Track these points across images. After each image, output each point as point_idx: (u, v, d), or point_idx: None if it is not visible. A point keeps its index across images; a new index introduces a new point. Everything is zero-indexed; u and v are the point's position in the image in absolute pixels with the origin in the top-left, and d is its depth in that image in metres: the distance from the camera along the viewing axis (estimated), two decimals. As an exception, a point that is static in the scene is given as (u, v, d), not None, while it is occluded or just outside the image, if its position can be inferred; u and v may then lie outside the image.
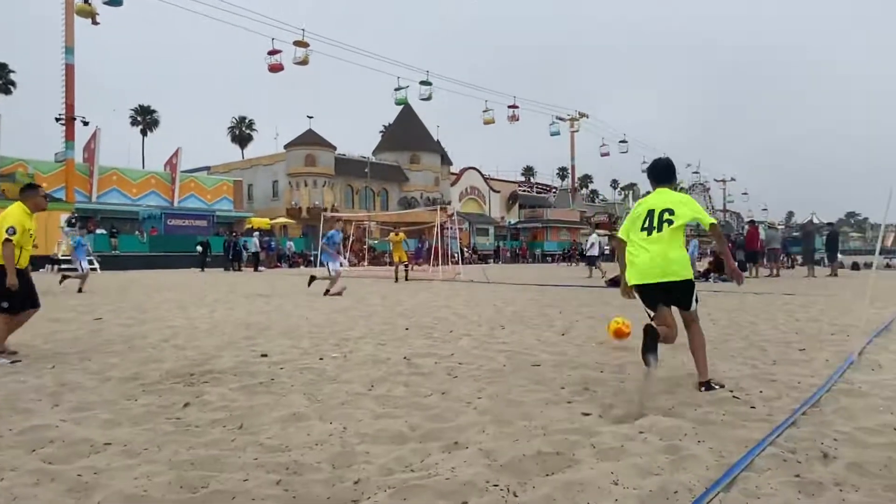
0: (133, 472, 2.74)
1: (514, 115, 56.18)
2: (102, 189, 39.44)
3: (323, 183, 49.56)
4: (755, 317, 8.70)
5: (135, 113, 65.21)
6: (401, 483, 2.57)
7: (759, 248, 22.14)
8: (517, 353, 5.76)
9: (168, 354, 5.83)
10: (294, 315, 9.34)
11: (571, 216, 65.90)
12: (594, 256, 22.54)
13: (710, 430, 3.28)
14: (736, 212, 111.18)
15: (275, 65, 38.80)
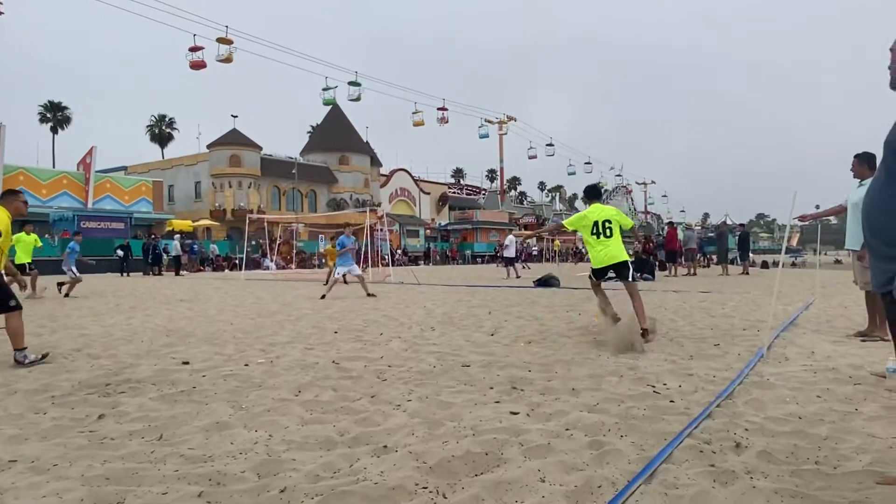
0: (41, 490, 2.58)
1: (443, 117, 56.38)
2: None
3: (248, 184, 48.30)
4: (674, 314, 9.08)
5: (44, 109, 61.59)
6: (328, 489, 2.52)
7: (677, 248, 23.14)
8: (447, 355, 5.78)
9: (81, 364, 5.51)
10: (218, 320, 9.04)
11: (500, 217, 66.84)
12: (511, 258, 22.94)
13: (632, 424, 3.40)
14: (657, 213, 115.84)
15: (197, 62, 37.41)
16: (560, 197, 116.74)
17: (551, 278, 16.93)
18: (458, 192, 77.40)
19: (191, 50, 37.25)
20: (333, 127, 57.33)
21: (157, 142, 67.36)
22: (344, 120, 57.72)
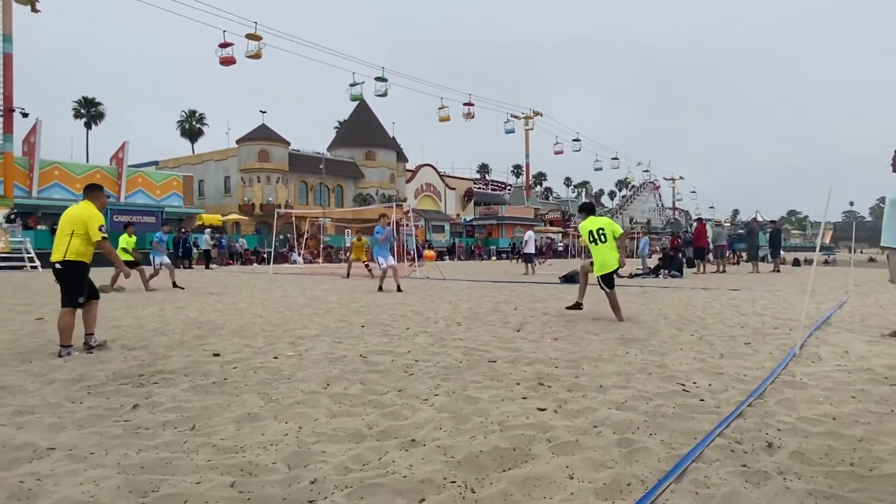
0: (79, 478, 2.65)
1: (469, 112, 56.37)
2: (44, 184, 37.89)
3: (276, 179, 48.80)
4: (703, 311, 8.96)
5: (78, 105, 62.89)
6: (358, 482, 2.55)
7: (706, 244, 22.80)
8: (473, 350, 5.79)
9: (115, 355, 5.64)
10: (247, 313, 9.17)
11: (526, 213, 66.56)
12: (530, 254, 22.80)
13: (661, 422, 3.37)
14: (685, 209, 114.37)
15: (226, 58, 37.91)
16: (586, 193, 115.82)
17: (577, 274, 16.80)
18: (483, 188, 77.28)
19: (220, 46, 37.76)
20: (360, 122, 57.62)
21: (187, 137, 68.37)
22: (370, 115, 57.97)
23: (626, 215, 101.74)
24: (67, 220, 5.93)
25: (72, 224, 5.88)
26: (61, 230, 5.91)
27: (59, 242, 5.87)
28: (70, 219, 5.92)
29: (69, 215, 5.97)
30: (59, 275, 5.87)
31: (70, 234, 5.84)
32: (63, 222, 5.95)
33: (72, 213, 5.97)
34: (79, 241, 5.85)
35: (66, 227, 5.89)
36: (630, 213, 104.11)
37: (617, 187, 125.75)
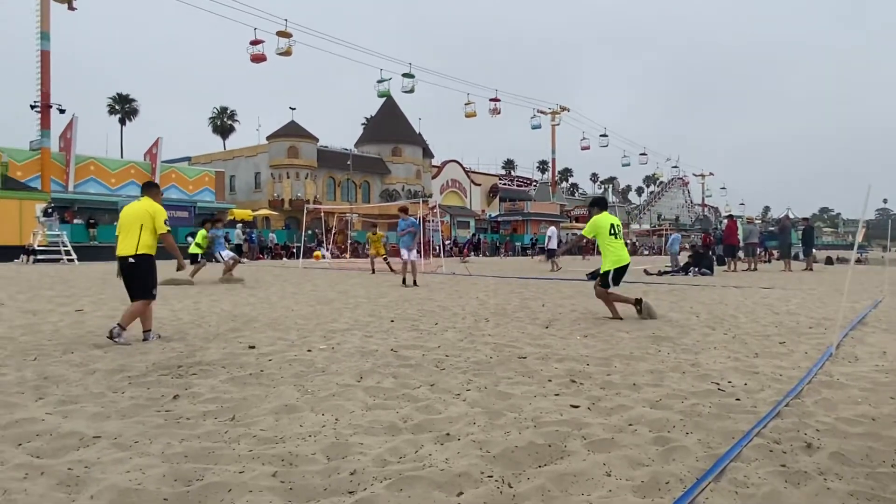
0: (125, 466, 2.72)
1: (495, 108, 56.15)
2: (80, 178, 38.76)
3: (305, 175, 49.23)
4: (736, 310, 8.85)
5: (113, 101, 64.15)
6: (396, 474, 2.59)
7: (737, 242, 22.45)
8: (503, 346, 5.80)
9: (153, 346, 5.78)
10: (279, 307, 9.30)
11: (551, 209, 66.21)
12: (553, 249, 22.65)
13: (697, 421, 3.35)
14: (714, 206, 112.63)
15: (257, 55, 38.32)
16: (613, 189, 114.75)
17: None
18: (508, 184, 76.98)
19: (252, 43, 38.17)
20: (387, 119, 57.81)
21: (219, 133, 69.32)
22: (397, 112, 58.12)
23: (655, 211, 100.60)
24: (134, 216, 6.16)
25: (140, 219, 6.13)
26: (129, 225, 6.15)
27: (127, 237, 6.12)
28: (137, 214, 6.16)
29: (135, 211, 6.21)
30: (132, 268, 6.12)
31: (140, 229, 6.11)
32: (128, 218, 6.17)
33: (138, 209, 6.21)
34: (147, 234, 6.13)
35: (135, 222, 6.14)
36: (658, 209, 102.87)
37: (645, 183, 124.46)
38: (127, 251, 6.11)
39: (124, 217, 6.23)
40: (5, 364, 4.94)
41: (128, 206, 6.39)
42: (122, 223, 6.23)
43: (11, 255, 26.79)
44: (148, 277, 6.19)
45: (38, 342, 6.00)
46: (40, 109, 35.75)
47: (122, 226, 6.22)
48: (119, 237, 6.23)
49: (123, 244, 6.15)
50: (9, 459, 2.79)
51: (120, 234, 6.22)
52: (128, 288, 6.22)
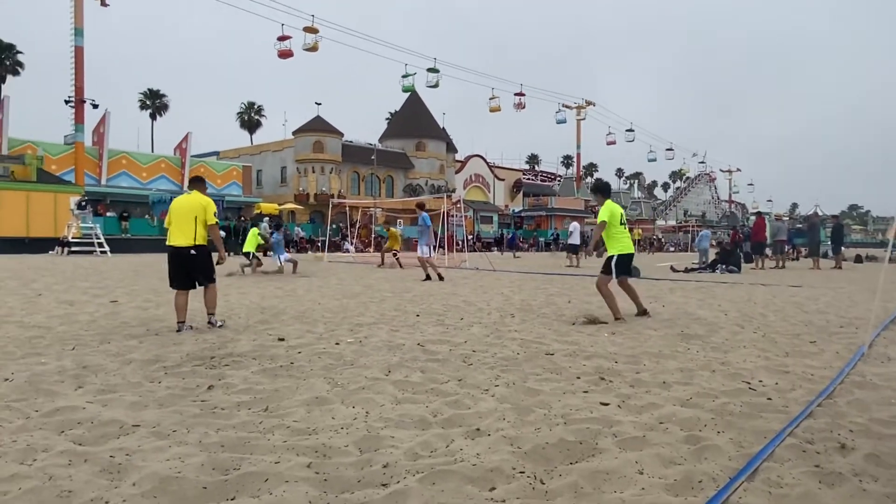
0: (165, 454, 2.79)
1: (520, 102, 55.93)
2: (112, 172, 39.51)
3: (330, 169, 49.57)
4: (765, 308, 8.73)
5: (144, 97, 65.13)
6: (428, 468, 2.62)
7: (764, 239, 22.10)
8: (529, 342, 5.81)
9: (187, 337, 5.90)
10: (306, 300, 9.40)
11: (576, 205, 65.77)
12: (575, 245, 22.44)
13: (729, 420, 3.33)
14: (741, 202, 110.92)
15: (284, 51, 38.67)
16: (639, 184, 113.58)
17: (632, 269, 16.55)
18: (532, 179, 76.69)
19: (279, 39, 38.49)
20: (411, 113, 57.89)
21: (246, 128, 70.01)
22: (421, 106, 58.16)
23: (681, 207, 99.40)
24: (188, 208, 6.45)
25: (194, 211, 6.43)
26: (183, 217, 6.42)
27: (184, 229, 6.39)
28: (192, 206, 6.45)
29: (189, 203, 6.49)
30: (192, 259, 6.44)
31: (194, 221, 6.41)
32: (182, 210, 6.46)
33: (192, 202, 6.51)
34: (201, 226, 6.46)
35: (189, 215, 6.42)
36: (684, 205, 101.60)
37: (671, 179, 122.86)
38: (185, 242, 6.38)
39: (177, 210, 6.49)
40: (45, 353, 5.09)
41: (179, 198, 6.65)
42: (174, 215, 6.48)
43: (46, 247, 27.44)
44: (208, 264, 6.59)
45: (75, 332, 6.16)
46: (74, 104, 36.48)
47: (176, 218, 6.46)
48: (172, 229, 6.46)
49: (180, 236, 6.40)
50: (52, 446, 2.88)
51: (172, 226, 6.46)
52: (187, 277, 6.48)
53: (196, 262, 6.47)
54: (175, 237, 6.42)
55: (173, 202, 6.65)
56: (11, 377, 4.22)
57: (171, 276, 6.53)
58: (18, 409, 3.47)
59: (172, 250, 6.47)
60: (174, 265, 6.50)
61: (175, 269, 6.49)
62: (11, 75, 53.13)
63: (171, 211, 6.55)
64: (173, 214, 6.50)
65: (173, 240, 6.44)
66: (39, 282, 12.16)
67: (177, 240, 6.41)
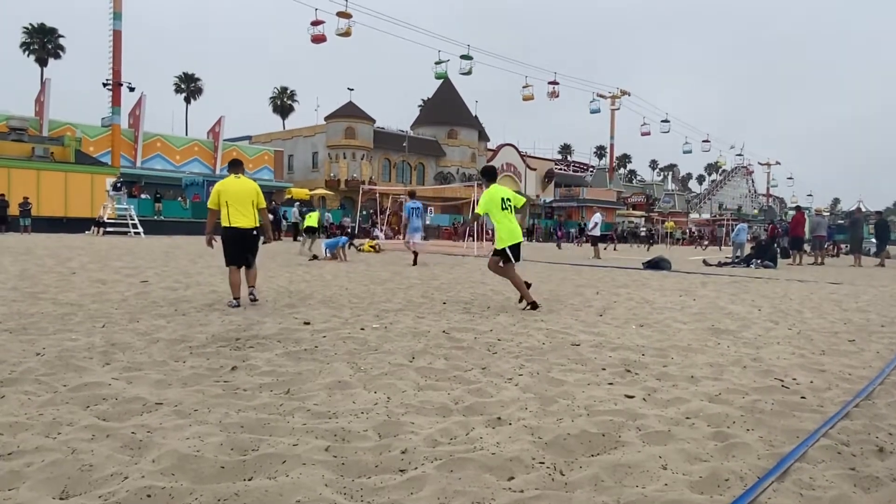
0: (185, 433, 2.80)
1: (553, 91, 55.35)
2: (147, 155, 40.28)
3: (361, 156, 49.76)
4: (801, 305, 8.49)
5: (179, 80, 66.07)
6: (447, 455, 2.58)
7: (803, 234, 21.54)
8: (555, 332, 5.73)
9: (213, 318, 5.95)
10: (333, 285, 9.44)
11: (608, 196, 65.05)
12: (597, 236, 22.10)
13: (759, 418, 3.22)
14: (780, 197, 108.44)
15: (318, 35, 38.79)
16: (673, 176, 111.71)
17: (662, 261, 16.31)
18: (564, 169, 75.95)
19: (312, 24, 38.62)
20: (443, 101, 57.71)
21: (278, 113, 70.63)
22: (454, 94, 57.94)
23: (716, 201, 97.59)
24: (246, 193, 6.94)
25: (251, 196, 6.95)
26: (243, 201, 6.90)
27: (246, 212, 6.91)
28: (248, 191, 6.95)
29: (246, 189, 6.95)
30: (254, 239, 7.06)
31: (252, 205, 6.94)
32: (241, 195, 6.91)
33: (248, 187, 6.99)
34: (256, 210, 7.00)
35: (247, 199, 6.92)
36: (720, 198, 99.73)
37: (706, 171, 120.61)
38: (249, 224, 6.93)
39: (236, 193, 6.88)
40: (76, 329, 5.18)
41: (231, 182, 6.99)
42: (233, 198, 6.86)
43: (83, 227, 28.11)
44: (258, 245, 7.18)
45: (106, 310, 6.26)
46: (112, 87, 37.18)
47: (235, 201, 6.86)
48: (232, 211, 6.84)
49: (242, 218, 6.88)
50: (77, 421, 2.91)
51: (232, 209, 6.84)
52: (242, 255, 6.97)
53: (255, 242, 7.06)
54: (238, 219, 6.85)
55: (225, 185, 6.94)
56: (43, 352, 4.30)
57: (232, 254, 6.93)
58: (47, 384, 3.52)
59: (235, 231, 6.87)
60: (236, 245, 6.91)
61: (237, 249, 6.92)
62: (53, 59, 54.37)
63: (225, 193, 6.86)
64: (231, 197, 6.85)
65: (237, 221, 6.84)
66: (75, 261, 12.44)
67: (240, 221, 6.85)
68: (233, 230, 6.87)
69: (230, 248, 6.92)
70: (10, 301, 6.65)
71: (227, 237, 6.93)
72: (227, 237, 6.92)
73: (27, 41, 53.36)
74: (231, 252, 6.93)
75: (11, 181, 28.71)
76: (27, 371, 3.77)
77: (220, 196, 6.87)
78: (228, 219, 6.84)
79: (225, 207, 6.84)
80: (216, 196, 6.91)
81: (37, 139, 32.88)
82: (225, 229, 6.89)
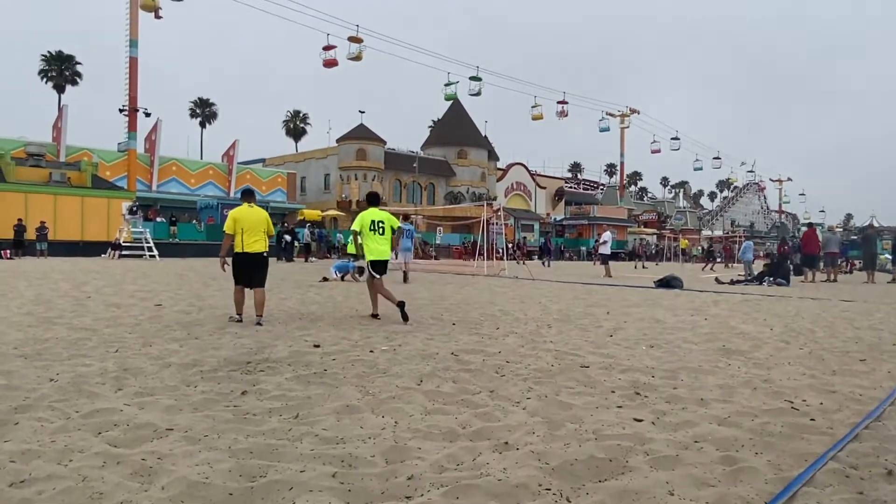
0: (195, 459, 2.83)
1: (563, 110, 55.61)
2: (162, 178, 40.76)
3: (373, 177, 50.07)
4: (813, 324, 8.42)
5: (194, 105, 66.99)
6: (453, 481, 2.59)
7: (816, 251, 21.37)
8: (565, 354, 5.72)
9: (225, 342, 6.00)
10: (344, 306, 9.48)
11: (619, 214, 64.88)
12: (607, 255, 21.93)
13: (768, 441, 3.21)
14: (792, 213, 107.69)
15: (329, 60, 39.36)
16: (685, 193, 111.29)
17: (673, 279, 16.22)
18: (574, 187, 75.93)
19: (324, 49, 39.18)
20: (453, 121, 58.08)
21: (291, 136, 71.29)
22: (463, 114, 58.31)
23: (728, 217, 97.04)
24: (258, 221, 7.53)
25: (263, 224, 7.57)
26: (257, 228, 7.49)
27: (259, 238, 7.51)
28: (261, 220, 7.56)
29: (259, 217, 7.55)
30: (263, 263, 7.64)
31: (264, 232, 7.56)
32: (256, 222, 7.50)
33: (260, 215, 7.59)
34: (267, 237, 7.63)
35: (260, 227, 7.53)
36: (732, 215, 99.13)
37: (718, 188, 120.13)
38: (261, 249, 7.52)
39: (251, 221, 7.45)
40: (90, 355, 5.24)
41: (247, 210, 7.50)
42: (248, 225, 7.43)
43: (99, 250, 28.43)
44: (266, 270, 7.74)
45: (120, 335, 6.33)
46: (128, 113, 37.81)
47: (250, 228, 7.43)
48: (246, 237, 7.41)
49: (255, 243, 7.46)
50: (88, 448, 2.96)
51: (247, 235, 7.41)
52: (251, 278, 7.52)
53: (263, 266, 7.62)
54: (252, 244, 7.45)
55: (241, 213, 7.47)
56: (56, 378, 4.36)
57: (241, 275, 7.53)
58: (60, 410, 3.58)
59: (247, 256, 7.46)
60: (247, 267, 7.50)
61: (246, 271, 7.51)
62: (70, 85, 55.31)
63: (241, 220, 7.40)
64: (246, 224, 7.41)
65: (251, 247, 7.44)
66: (90, 284, 12.58)
67: (254, 247, 7.46)
68: (245, 255, 7.46)
69: (240, 270, 7.53)
70: (26, 326, 6.74)
71: (238, 261, 7.51)
72: (239, 261, 7.51)
73: (45, 68, 54.41)
74: (241, 273, 7.53)
75: (29, 206, 29.15)
76: (41, 397, 3.82)
77: (237, 223, 7.39)
78: (242, 245, 7.41)
79: (240, 234, 7.38)
80: (232, 223, 7.42)
81: (54, 164, 33.41)
82: (237, 254, 7.47)
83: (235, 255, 7.49)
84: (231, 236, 7.43)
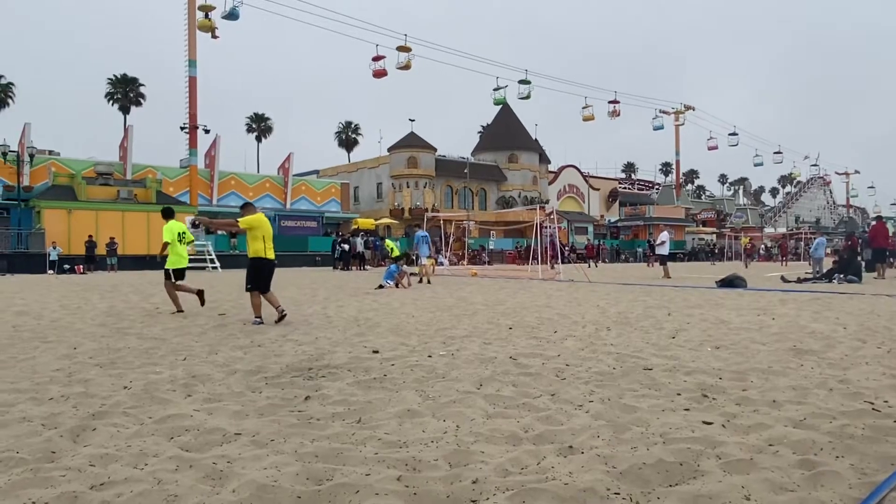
0: (263, 462, 2.89)
1: (615, 110, 54.69)
2: (222, 192, 42.13)
3: (424, 184, 50.45)
4: (890, 321, 7.99)
5: (250, 121, 69.07)
6: (518, 485, 2.56)
7: (887, 245, 20.28)
8: (626, 356, 5.60)
9: (287, 349, 6.12)
10: (401, 312, 9.55)
11: (676, 213, 63.36)
12: (665, 255, 21.31)
13: (849, 444, 3.05)
14: (861, 207, 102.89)
15: (379, 70, 39.91)
16: (744, 190, 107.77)
17: (736, 279, 15.71)
18: (628, 188, 74.63)
19: (374, 59, 39.76)
20: (503, 126, 57.98)
21: (344, 147, 72.66)
22: (513, 118, 58.14)
23: (792, 214, 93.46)
24: (271, 230, 8.13)
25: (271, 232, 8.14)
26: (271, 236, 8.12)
27: (269, 245, 8.06)
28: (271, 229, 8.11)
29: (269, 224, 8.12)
30: (274, 269, 8.23)
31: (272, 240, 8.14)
32: (270, 231, 8.10)
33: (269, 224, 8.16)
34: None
35: (271, 235, 8.11)
36: (796, 211, 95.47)
37: (780, 183, 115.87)
38: (272, 255, 8.09)
39: (269, 229, 8.03)
40: (160, 363, 5.43)
41: (265, 220, 8.07)
42: (268, 233, 8.01)
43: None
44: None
45: (187, 344, 6.54)
46: (188, 130, 39.25)
47: (269, 236, 8.00)
48: (267, 245, 8.01)
49: (269, 250, 8.04)
50: (162, 452, 3.05)
51: (268, 242, 7.99)
52: (267, 282, 8.13)
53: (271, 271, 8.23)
54: (270, 253, 8.05)
55: (262, 221, 8.01)
56: (130, 385, 4.53)
57: (260, 281, 8.02)
58: (134, 416, 3.71)
59: (269, 263, 8.07)
60: (265, 273, 8.07)
61: (265, 277, 8.08)
62: (135, 106, 57.89)
63: (262, 228, 7.95)
64: (267, 232, 7.97)
65: (270, 254, 8.05)
66: (157, 296, 13.07)
67: (271, 253, 8.06)
68: (267, 261, 8.03)
69: (260, 275, 8.03)
70: (100, 337, 7.05)
71: (260, 266, 8.02)
72: (260, 266, 8.02)
73: (111, 91, 57.11)
74: (261, 279, 8.03)
75: (99, 223, 30.60)
76: (116, 404, 3.98)
77: (260, 229, 7.96)
78: (265, 251, 7.97)
79: (262, 242, 7.94)
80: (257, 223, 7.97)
81: (121, 182, 34.95)
82: (259, 259, 7.98)
83: (258, 261, 7.94)
84: (244, 231, 8.01)
